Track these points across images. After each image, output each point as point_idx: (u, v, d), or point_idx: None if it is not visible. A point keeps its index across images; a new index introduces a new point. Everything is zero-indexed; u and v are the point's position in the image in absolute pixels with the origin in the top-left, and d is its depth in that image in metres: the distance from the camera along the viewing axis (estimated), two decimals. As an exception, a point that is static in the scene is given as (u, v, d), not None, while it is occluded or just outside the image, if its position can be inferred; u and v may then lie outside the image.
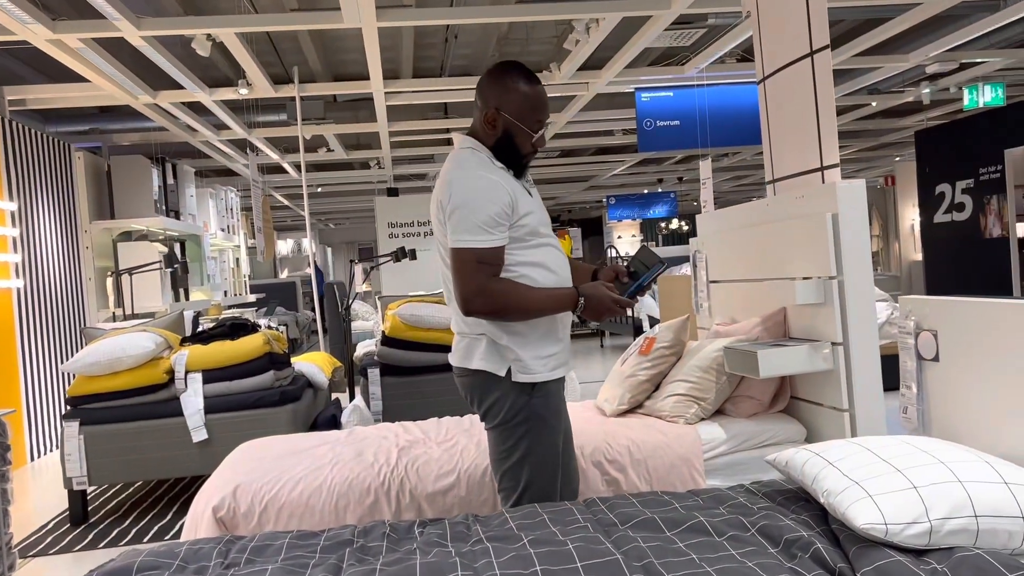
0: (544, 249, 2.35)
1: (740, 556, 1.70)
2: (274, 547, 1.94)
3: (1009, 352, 1.96)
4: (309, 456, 2.87)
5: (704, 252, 3.82)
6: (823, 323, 2.80)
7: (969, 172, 9.10)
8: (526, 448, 2.31)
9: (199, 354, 4.36)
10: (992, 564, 1.45)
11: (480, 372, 2.32)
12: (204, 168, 10.94)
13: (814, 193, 2.86)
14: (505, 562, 1.74)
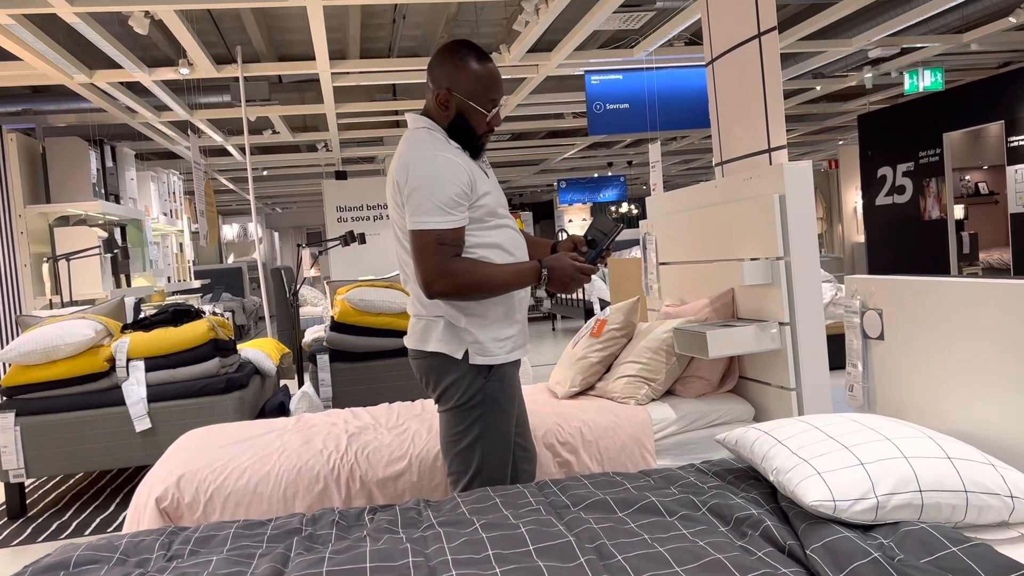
0: (501, 230, 2.33)
1: (691, 535, 1.70)
2: (219, 537, 1.89)
3: (951, 329, 2.00)
4: (256, 444, 2.81)
5: (654, 234, 3.83)
6: (770, 303, 2.83)
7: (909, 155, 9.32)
8: (479, 431, 2.29)
9: (141, 341, 4.24)
10: (936, 537, 1.48)
11: (436, 354, 2.29)
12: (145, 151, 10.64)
13: (761, 174, 2.88)
14: (457, 547, 1.72)
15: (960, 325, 1.96)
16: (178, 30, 5.43)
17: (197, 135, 8.48)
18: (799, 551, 1.54)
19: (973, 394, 1.94)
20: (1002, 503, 1.56)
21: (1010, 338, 1.81)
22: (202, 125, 8.53)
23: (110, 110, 7.52)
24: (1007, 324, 1.82)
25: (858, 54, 7.60)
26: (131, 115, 7.93)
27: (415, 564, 1.64)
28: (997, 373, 1.86)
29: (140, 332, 4.35)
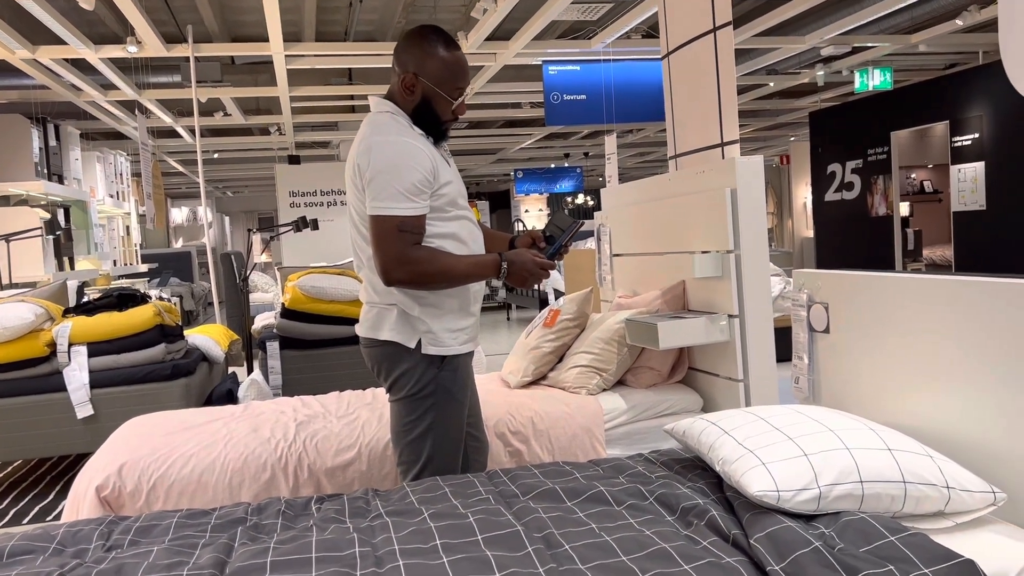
0: (459, 222, 2.31)
1: (638, 524, 1.72)
2: (161, 527, 1.86)
3: (895, 324, 2.04)
4: (201, 432, 2.76)
5: (608, 226, 3.85)
6: (720, 296, 2.86)
7: (858, 153, 9.51)
8: (431, 422, 2.28)
9: (84, 326, 4.13)
10: (875, 527, 1.51)
11: (389, 343, 2.27)
12: (90, 130, 10.34)
13: (714, 168, 2.90)
14: (404, 537, 1.71)
15: (903, 320, 2.01)
16: (126, 6, 5.28)
17: (145, 115, 8.28)
18: (743, 540, 1.56)
19: (914, 387, 1.99)
20: (939, 494, 1.60)
21: (950, 333, 1.86)
22: (151, 105, 8.33)
23: (54, 87, 7.29)
24: (948, 319, 1.86)
25: (811, 52, 7.73)
26: (76, 93, 7.70)
27: (361, 554, 1.62)
28: (937, 367, 1.90)
29: (83, 316, 4.24)
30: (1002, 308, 1.71)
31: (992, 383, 1.74)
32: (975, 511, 1.61)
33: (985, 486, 1.63)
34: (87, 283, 6.93)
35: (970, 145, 7.95)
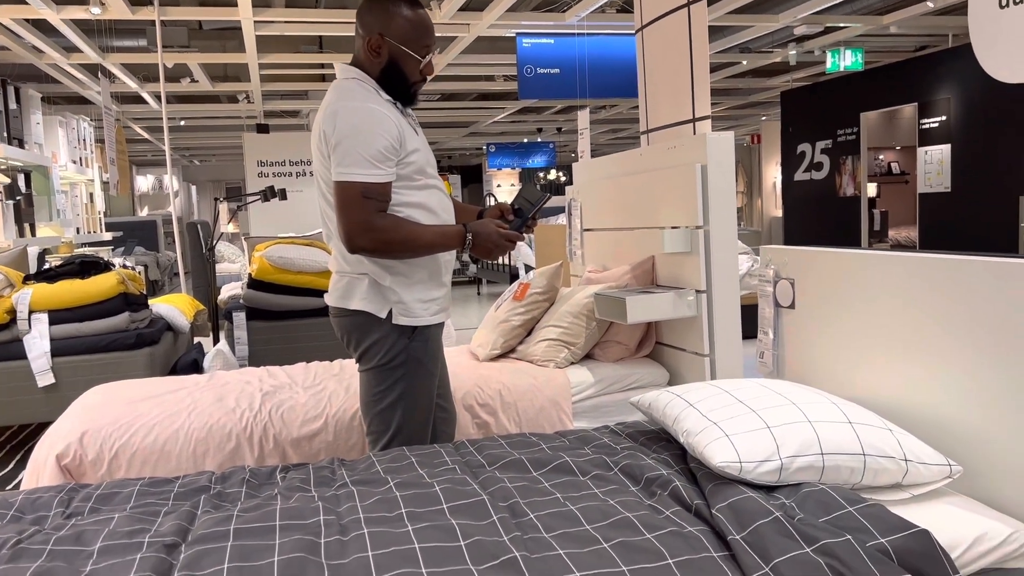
0: (429, 191, 2.29)
1: (603, 494, 1.73)
2: (122, 495, 1.84)
3: (859, 299, 2.07)
4: (165, 401, 2.72)
5: (579, 201, 3.85)
6: (688, 271, 2.88)
7: (828, 133, 9.58)
8: (400, 392, 2.27)
9: (45, 293, 4.05)
10: (834, 498, 1.54)
11: (360, 313, 2.25)
12: (52, 94, 10.08)
13: (685, 144, 2.91)
14: (369, 506, 1.71)
15: (867, 295, 2.04)
16: (89, -34, 5.13)
17: (109, 80, 8.08)
18: (705, 511, 1.58)
19: (876, 362, 2.02)
20: (897, 466, 1.63)
21: (911, 308, 1.88)
22: (115, 70, 8.13)
23: (14, 49, 7.08)
24: (909, 295, 1.89)
25: (784, 30, 7.74)
26: (37, 55, 7.49)
27: (326, 522, 1.62)
28: (898, 342, 1.93)
29: (44, 283, 4.15)
30: (961, 284, 1.74)
31: (951, 358, 1.78)
32: (932, 483, 1.65)
33: (942, 459, 1.66)
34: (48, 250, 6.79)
35: (937, 127, 8.04)
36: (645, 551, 1.44)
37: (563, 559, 1.43)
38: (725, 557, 1.44)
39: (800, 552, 1.39)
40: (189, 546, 1.51)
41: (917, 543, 1.40)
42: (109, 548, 1.50)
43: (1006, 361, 1.64)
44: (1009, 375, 1.63)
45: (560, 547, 1.48)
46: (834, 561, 1.37)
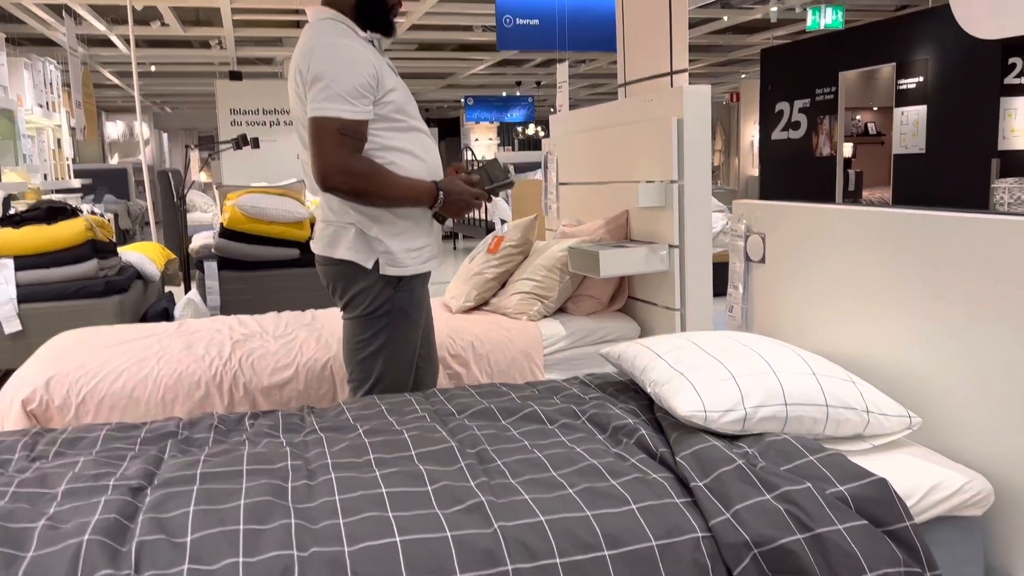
0: (413, 134, 2.26)
1: (570, 442, 1.75)
2: (88, 439, 1.82)
3: (828, 254, 2.08)
4: (134, 348, 2.70)
5: (555, 154, 3.82)
6: (662, 226, 2.88)
7: (806, 92, 9.57)
8: (384, 341, 2.27)
9: (10, 239, 3.97)
10: (796, 447, 1.57)
11: (345, 262, 2.24)
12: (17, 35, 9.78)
13: (662, 97, 2.89)
14: (338, 451, 1.71)
15: (836, 251, 2.05)
16: (52, -100, 4.95)
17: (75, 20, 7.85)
18: (670, 458, 1.61)
19: (842, 316, 2.04)
20: (859, 417, 1.66)
21: (880, 264, 1.90)
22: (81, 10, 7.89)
23: (-25, -14, 6.84)
24: (879, 250, 1.91)
25: (766, -14, 7.67)
26: (0, -7, 7.25)
27: (294, 467, 1.63)
28: (865, 296, 1.96)
29: (9, 229, 4.07)
30: (928, 240, 1.75)
31: (915, 313, 1.80)
32: (892, 434, 1.68)
33: (902, 411, 1.69)
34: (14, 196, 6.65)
35: (915, 88, 8.06)
36: (609, 496, 1.46)
37: (529, 504, 1.45)
38: (688, 503, 1.46)
39: (761, 499, 1.42)
40: (155, 489, 1.51)
41: (875, 491, 1.43)
42: (74, 491, 1.50)
43: (969, 317, 1.66)
44: (970, 330, 1.66)
45: (526, 492, 1.50)
46: (793, 507, 1.40)
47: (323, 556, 1.30)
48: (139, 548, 1.29)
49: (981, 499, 1.53)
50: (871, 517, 1.42)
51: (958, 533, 1.54)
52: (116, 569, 1.25)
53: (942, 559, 1.52)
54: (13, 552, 1.27)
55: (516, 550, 1.34)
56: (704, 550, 1.38)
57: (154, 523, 1.36)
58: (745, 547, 1.36)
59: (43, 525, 1.35)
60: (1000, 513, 1.60)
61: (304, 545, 1.33)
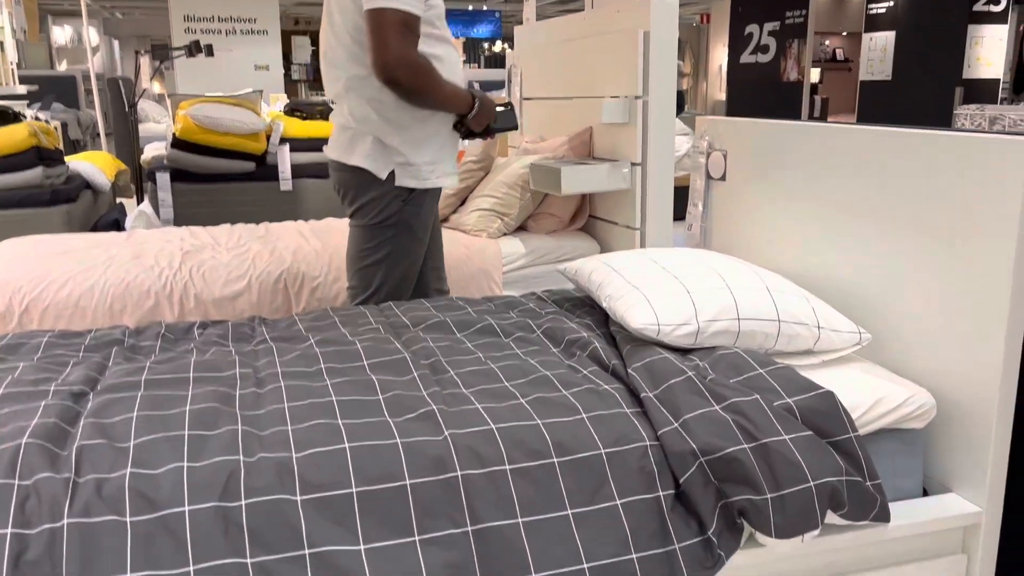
0: (445, 45, 2.25)
1: (523, 355, 1.74)
2: (30, 345, 1.78)
3: (788, 172, 2.07)
4: (80, 256, 2.62)
5: (520, 67, 3.72)
6: (625, 143, 2.84)
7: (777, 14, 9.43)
8: (386, 253, 2.28)
9: (-51, 144, 3.79)
10: (746, 360, 1.58)
11: (359, 170, 2.23)
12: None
13: (629, 7, 2.80)
14: (288, 361, 1.69)
15: (796, 168, 2.03)
16: None
17: (15, -86, 7.39)
18: (622, 370, 1.61)
19: (799, 234, 2.04)
20: (810, 332, 1.67)
21: (838, 181, 1.89)
22: (21, -97, 7.41)
23: None
24: (838, 168, 1.89)
25: (740, -98, 7.46)
26: None
27: (242, 375, 1.60)
28: (821, 215, 1.95)
29: (-53, 133, 3.89)
30: (889, 158, 1.74)
31: (872, 232, 1.80)
32: (841, 350, 1.70)
33: (852, 327, 1.71)
34: (-45, 101, 6.34)
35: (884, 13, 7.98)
36: (561, 406, 1.47)
37: (480, 412, 1.44)
38: (637, 413, 1.47)
39: (709, 409, 1.43)
40: (97, 395, 1.47)
41: (821, 403, 1.45)
42: (12, 395, 1.46)
43: (922, 236, 1.67)
44: (922, 249, 1.66)
45: (478, 402, 1.49)
46: (741, 418, 1.41)
47: (270, 461, 1.28)
48: (80, 452, 1.27)
49: (924, 412, 1.56)
50: (817, 428, 1.44)
51: (900, 446, 1.58)
52: (56, 472, 1.22)
53: (883, 470, 1.56)
54: (-53, 455, 1.24)
55: (466, 457, 1.34)
56: (652, 458, 1.39)
57: (96, 428, 1.33)
58: (692, 455, 1.37)
59: (-21, 428, 1.31)
60: (941, 427, 1.63)
61: (251, 451, 1.31)
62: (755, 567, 1.47)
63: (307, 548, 1.22)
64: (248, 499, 1.23)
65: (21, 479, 1.20)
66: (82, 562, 1.13)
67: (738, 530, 1.39)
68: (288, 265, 2.67)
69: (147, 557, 1.16)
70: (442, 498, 1.30)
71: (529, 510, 1.32)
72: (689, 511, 1.39)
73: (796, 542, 1.36)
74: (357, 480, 1.28)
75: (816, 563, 1.50)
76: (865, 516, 1.43)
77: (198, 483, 1.23)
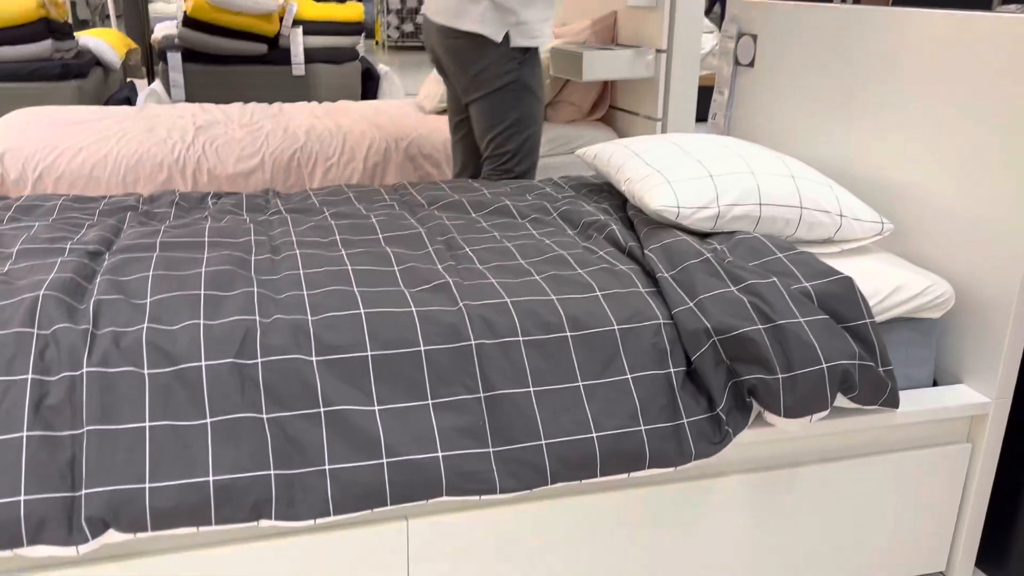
0: None
1: (539, 235, 1.73)
2: (44, 208, 1.77)
3: (820, 58, 1.99)
4: (93, 128, 2.59)
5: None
6: (650, 29, 2.74)
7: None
8: (516, 117, 2.28)
9: (-45, 12, 3.71)
10: (765, 245, 1.56)
11: (473, 35, 2.19)
12: None
13: None
14: (303, 231, 1.68)
15: (827, 54, 1.96)
16: None
17: None
18: (638, 252, 1.59)
19: (827, 122, 1.98)
20: (831, 220, 1.64)
21: (869, 67, 1.83)
22: None
23: None
24: (870, 53, 1.82)
25: None
26: None
27: (257, 242, 1.59)
28: (851, 103, 1.89)
29: (-46, 1, 3.79)
30: (926, 42, 1.67)
31: (902, 118, 1.75)
32: (862, 239, 1.68)
33: (875, 216, 1.68)
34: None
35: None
36: (575, 283, 1.46)
37: (495, 286, 1.44)
38: (652, 293, 1.46)
39: (726, 290, 1.42)
40: (113, 254, 1.47)
41: (839, 288, 1.44)
42: (29, 251, 1.46)
43: (953, 122, 1.62)
44: (952, 138, 1.62)
45: (493, 277, 1.48)
46: (757, 299, 1.40)
47: (286, 322, 1.29)
48: (97, 306, 1.27)
49: (942, 302, 1.54)
50: (833, 313, 1.43)
51: (915, 335, 1.57)
52: (74, 324, 1.23)
53: (896, 358, 1.56)
54: (-34, 302, 1.25)
55: (480, 327, 1.34)
56: (665, 336, 1.39)
57: (112, 284, 1.34)
58: (705, 334, 1.37)
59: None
60: (957, 318, 1.63)
61: (267, 312, 1.32)
62: (762, 445, 1.49)
63: (322, 407, 1.24)
64: (264, 357, 1.24)
65: (40, 328, 1.21)
66: (102, 409, 1.15)
67: (747, 409, 1.40)
68: (302, 143, 2.63)
69: (165, 407, 1.18)
70: (456, 365, 1.30)
71: (541, 380, 1.33)
72: (699, 389, 1.40)
73: (804, 422, 1.37)
74: (372, 344, 1.29)
75: (823, 444, 1.52)
76: (875, 401, 1.44)
77: (214, 340, 1.24)
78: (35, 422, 1.13)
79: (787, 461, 1.51)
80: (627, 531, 1.44)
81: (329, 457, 1.21)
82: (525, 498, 1.38)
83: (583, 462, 1.30)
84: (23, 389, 1.14)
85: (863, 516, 1.57)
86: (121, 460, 1.13)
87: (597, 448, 1.30)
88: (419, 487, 1.23)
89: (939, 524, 1.63)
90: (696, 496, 1.46)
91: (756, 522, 1.51)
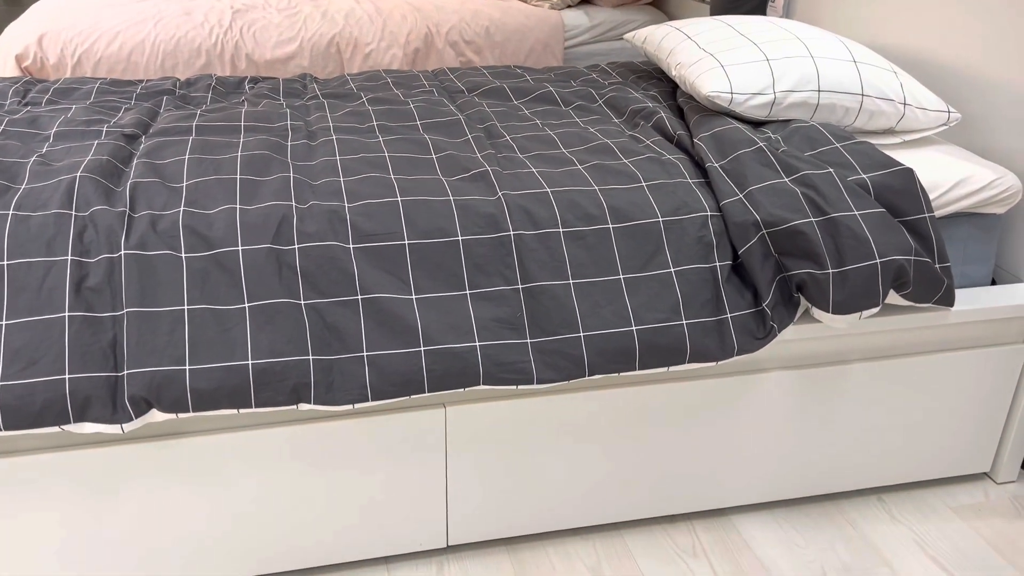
0: None
1: (583, 123, 1.66)
2: (82, 91, 1.75)
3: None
4: (129, 10, 2.53)
5: None
6: (709, -98, 2.56)
7: None
8: None
9: None
10: (822, 134, 1.48)
11: None
12: None
13: None
14: (340, 116, 1.64)
15: (902, -72, 1.81)
16: None
17: None
18: (687, 141, 1.52)
19: (896, 8, 1.85)
20: (894, 109, 1.54)
21: (949, -57, 1.68)
22: None
23: None
24: (951, -74, 1.68)
25: None
26: None
27: (293, 127, 1.56)
28: (925, -17, 1.76)
29: None
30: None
31: (974, 6, 1.62)
32: (926, 130, 1.58)
33: (941, 105, 1.57)
34: None
35: None
36: (619, 173, 1.41)
37: (535, 176, 1.39)
38: (700, 184, 1.41)
39: (778, 181, 1.36)
40: (149, 137, 1.46)
41: (898, 180, 1.37)
42: (66, 133, 1.45)
43: (1040, 2, 1.49)
44: None
45: (533, 166, 1.44)
46: (811, 191, 1.34)
47: (322, 208, 1.27)
48: (134, 188, 1.26)
49: (1008, 196, 1.46)
50: (890, 206, 1.36)
51: (975, 231, 1.50)
52: (111, 206, 1.23)
53: (954, 255, 1.49)
54: (5, 183, 1.24)
55: (519, 217, 1.30)
56: (711, 228, 1.34)
57: (148, 167, 1.32)
58: (754, 226, 1.32)
59: (34, 161, 1.31)
60: (1022, 214, 1.54)
61: (303, 198, 1.29)
62: (807, 342, 1.45)
63: (360, 293, 1.23)
64: (301, 243, 1.23)
65: (78, 210, 1.21)
66: (141, 291, 1.16)
67: (794, 304, 1.36)
68: (340, 28, 2.55)
69: (203, 291, 1.18)
70: (494, 255, 1.28)
71: (580, 272, 1.30)
72: (744, 283, 1.35)
73: (853, 319, 1.32)
74: (409, 233, 1.26)
75: (871, 342, 1.48)
76: (929, 298, 1.38)
77: (251, 225, 1.23)
78: (76, 303, 1.14)
79: (833, 359, 1.47)
80: (665, 424, 1.43)
81: (367, 344, 1.21)
82: (562, 389, 1.38)
83: (622, 355, 1.28)
84: (63, 270, 1.15)
85: (909, 415, 1.54)
86: (161, 342, 1.14)
87: (637, 341, 1.28)
88: (456, 376, 1.23)
89: (987, 426, 1.59)
90: (737, 389, 1.44)
91: (799, 417, 1.49)
